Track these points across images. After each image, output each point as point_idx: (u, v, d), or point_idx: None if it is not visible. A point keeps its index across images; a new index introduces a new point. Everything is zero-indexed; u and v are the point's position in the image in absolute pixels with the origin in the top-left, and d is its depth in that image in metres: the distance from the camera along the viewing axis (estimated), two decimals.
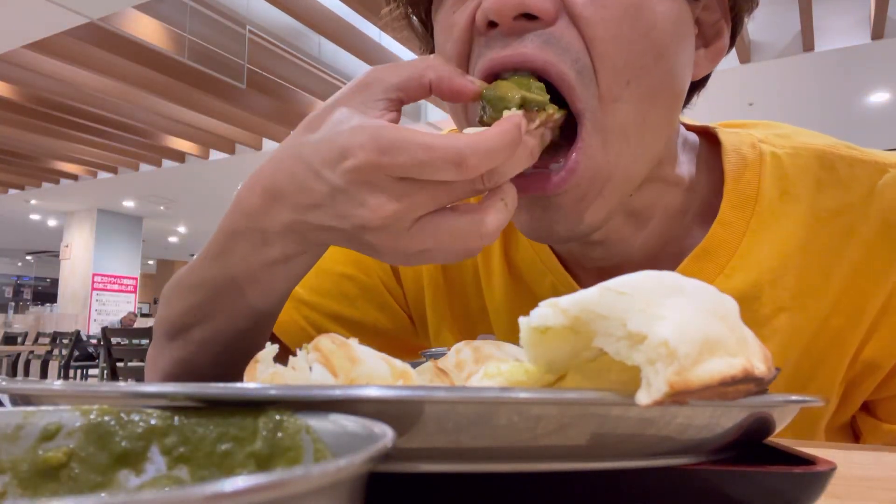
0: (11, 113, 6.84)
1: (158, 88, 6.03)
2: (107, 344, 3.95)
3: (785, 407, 0.26)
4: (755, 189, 0.51)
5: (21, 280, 20.67)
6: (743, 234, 0.50)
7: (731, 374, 0.22)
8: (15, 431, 0.21)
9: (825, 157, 0.51)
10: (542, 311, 0.25)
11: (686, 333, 0.22)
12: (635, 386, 0.22)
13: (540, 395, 0.21)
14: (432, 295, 0.65)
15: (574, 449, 0.22)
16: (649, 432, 0.22)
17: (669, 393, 0.21)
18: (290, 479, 0.12)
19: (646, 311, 0.23)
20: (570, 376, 0.28)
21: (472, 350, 0.35)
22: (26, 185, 10.56)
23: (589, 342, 0.24)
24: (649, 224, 0.52)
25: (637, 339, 0.22)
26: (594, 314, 0.24)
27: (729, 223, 0.51)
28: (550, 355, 0.26)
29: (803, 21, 4.77)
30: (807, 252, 0.49)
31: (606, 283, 0.24)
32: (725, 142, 0.53)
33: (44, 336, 8.74)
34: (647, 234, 0.52)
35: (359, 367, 0.27)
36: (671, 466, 0.24)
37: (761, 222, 0.50)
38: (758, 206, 0.50)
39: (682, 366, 0.21)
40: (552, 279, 0.57)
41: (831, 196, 0.50)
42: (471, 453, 0.21)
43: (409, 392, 0.21)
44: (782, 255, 0.50)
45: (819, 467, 0.24)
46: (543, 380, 0.28)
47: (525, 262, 0.59)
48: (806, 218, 0.50)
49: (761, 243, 0.50)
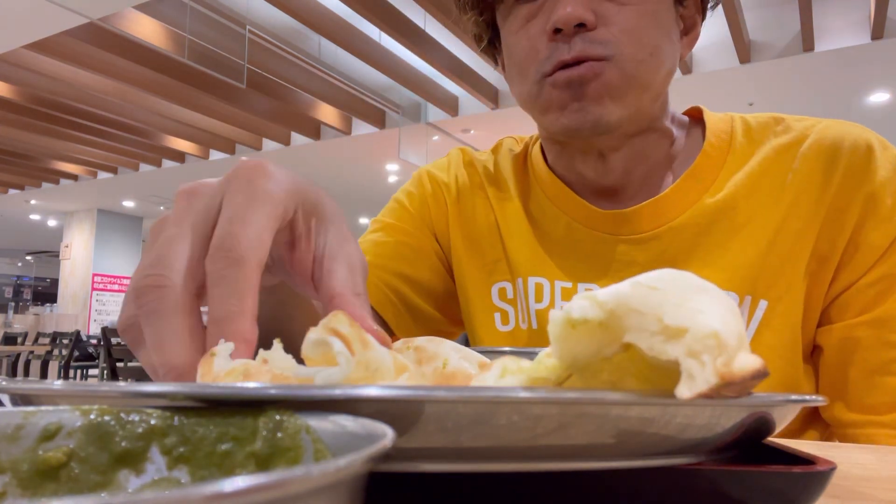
0: (11, 113, 6.84)
1: (158, 88, 6.03)
2: (107, 344, 3.95)
3: (785, 406, 0.26)
4: (729, 135, 0.70)
5: (21, 280, 20.67)
6: (722, 165, 0.69)
7: (758, 368, 0.22)
8: (15, 431, 0.21)
9: (778, 116, 0.71)
10: (580, 303, 0.25)
11: (730, 326, 0.22)
12: (623, 386, 0.22)
13: (540, 394, 0.21)
14: (457, 245, 0.78)
15: (574, 448, 0.22)
16: (649, 432, 0.22)
17: (719, 384, 0.21)
18: (290, 479, 0.12)
19: (682, 305, 0.23)
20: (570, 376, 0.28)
21: (415, 350, 0.34)
22: (26, 185, 10.56)
23: (615, 339, 0.24)
24: (647, 161, 0.70)
25: (675, 333, 0.22)
26: (628, 308, 0.24)
27: (710, 156, 0.69)
28: (576, 351, 0.26)
29: (803, 21, 4.77)
30: (766, 173, 0.67)
31: (636, 279, 0.24)
32: (706, 110, 0.74)
33: (44, 336, 8.74)
34: (645, 167, 0.70)
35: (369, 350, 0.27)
36: (671, 466, 0.24)
37: (734, 157, 0.69)
38: (731, 145, 0.69)
39: (730, 357, 0.22)
40: (566, 220, 0.72)
41: (781, 137, 0.68)
42: (471, 453, 0.21)
43: (409, 392, 0.21)
44: (750, 178, 0.67)
45: (819, 467, 0.24)
46: (562, 376, 0.27)
47: (539, 209, 0.74)
48: (766, 152, 0.68)
49: (735, 171, 0.68)
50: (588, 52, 0.60)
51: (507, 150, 0.81)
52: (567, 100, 0.61)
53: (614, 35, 0.60)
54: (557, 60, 0.61)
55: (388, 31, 5.12)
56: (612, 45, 0.60)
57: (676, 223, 0.67)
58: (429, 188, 0.82)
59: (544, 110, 0.64)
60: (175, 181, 9.72)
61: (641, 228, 0.68)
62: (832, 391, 0.65)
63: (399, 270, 0.77)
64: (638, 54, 0.61)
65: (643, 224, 0.68)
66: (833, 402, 0.65)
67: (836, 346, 0.64)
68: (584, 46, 0.60)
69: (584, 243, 0.71)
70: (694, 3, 0.68)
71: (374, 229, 0.81)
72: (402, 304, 0.77)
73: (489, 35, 0.73)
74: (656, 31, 0.62)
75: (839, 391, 0.64)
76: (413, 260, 0.78)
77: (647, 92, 0.63)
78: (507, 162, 0.79)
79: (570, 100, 0.61)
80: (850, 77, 5.70)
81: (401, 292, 0.77)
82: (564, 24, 0.59)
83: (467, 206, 0.79)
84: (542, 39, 0.62)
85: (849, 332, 0.63)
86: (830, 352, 0.65)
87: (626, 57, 0.60)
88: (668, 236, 0.67)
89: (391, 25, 5.09)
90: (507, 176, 0.78)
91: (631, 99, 0.62)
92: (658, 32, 0.62)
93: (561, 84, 0.61)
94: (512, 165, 0.78)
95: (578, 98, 0.61)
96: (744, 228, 0.65)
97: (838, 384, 0.64)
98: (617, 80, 0.60)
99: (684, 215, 0.67)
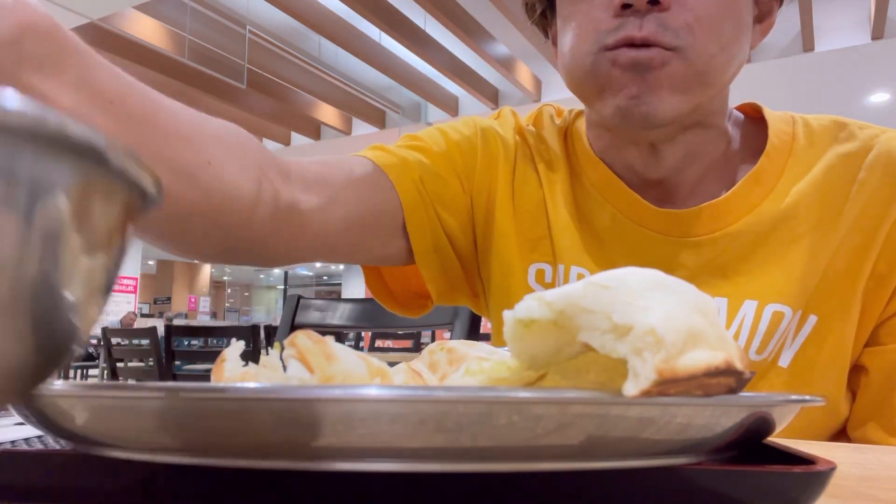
0: None
1: (158, 88, 5.99)
2: (107, 344, 3.95)
3: (785, 406, 0.26)
4: (791, 137, 0.66)
5: None
6: (783, 169, 0.65)
7: (715, 365, 0.22)
8: None
9: (840, 121, 0.67)
10: (528, 303, 0.25)
11: (672, 322, 0.22)
12: (613, 386, 0.22)
13: (540, 394, 0.21)
14: (503, 211, 0.71)
15: (574, 448, 0.22)
16: (649, 431, 0.22)
17: (658, 381, 0.21)
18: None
19: (631, 303, 0.23)
20: (549, 376, 0.28)
21: (447, 352, 0.34)
22: None
23: (572, 338, 0.24)
24: (702, 160, 0.66)
25: (623, 331, 0.22)
26: (579, 308, 0.24)
27: (773, 159, 0.65)
28: (533, 350, 0.26)
29: (803, 21, 4.78)
30: (830, 184, 0.63)
31: (590, 279, 0.24)
32: (766, 109, 0.70)
33: None
34: (699, 167, 0.66)
35: (335, 364, 0.27)
36: (671, 466, 0.24)
37: (797, 161, 0.65)
38: (793, 149, 0.65)
39: (670, 353, 0.21)
40: (612, 211, 0.67)
41: (845, 144, 0.65)
42: (471, 453, 0.21)
43: (409, 392, 0.21)
44: (813, 187, 0.63)
45: (819, 467, 0.24)
46: (525, 376, 0.28)
47: (584, 194, 0.69)
48: (830, 160, 0.64)
49: (797, 176, 0.64)
50: (659, 38, 0.55)
51: (549, 121, 0.75)
52: (626, 82, 0.56)
53: (688, 23, 0.55)
54: (624, 35, 0.55)
55: (388, 31, 5.12)
56: (683, 34, 0.55)
57: (733, 229, 0.63)
58: (480, 142, 0.73)
59: (599, 89, 0.58)
60: None
61: (697, 231, 0.63)
62: (869, 412, 0.63)
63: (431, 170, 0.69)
64: (709, 47, 0.56)
65: (701, 227, 0.63)
66: (867, 422, 0.63)
67: (884, 369, 0.62)
68: (656, 29, 0.55)
69: (630, 238, 0.66)
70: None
71: (413, 146, 0.70)
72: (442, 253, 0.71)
73: (543, 6, 0.67)
74: (732, 20, 0.57)
75: (876, 413, 0.62)
76: (450, 204, 0.70)
77: (712, 88, 0.59)
78: (554, 138, 0.73)
79: (629, 82, 0.56)
80: (850, 77, 5.70)
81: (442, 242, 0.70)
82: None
83: (519, 174, 0.72)
84: (608, 12, 0.57)
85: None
86: (876, 373, 0.62)
87: (697, 50, 0.56)
88: (724, 242, 0.63)
89: (391, 25, 5.09)
90: (555, 152, 0.72)
91: (692, 95, 0.58)
92: (734, 22, 0.57)
93: (624, 63, 0.56)
94: (558, 142, 0.72)
95: (638, 83, 0.56)
96: (803, 239, 0.62)
97: (877, 405, 0.62)
98: (682, 73, 0.56)
99: (742, 221, 0.63)
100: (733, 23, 0.57)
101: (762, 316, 0.60)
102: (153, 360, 3.57)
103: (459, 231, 0.71)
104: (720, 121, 0.65)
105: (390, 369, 0.31)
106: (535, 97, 6.43)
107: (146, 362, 3.86)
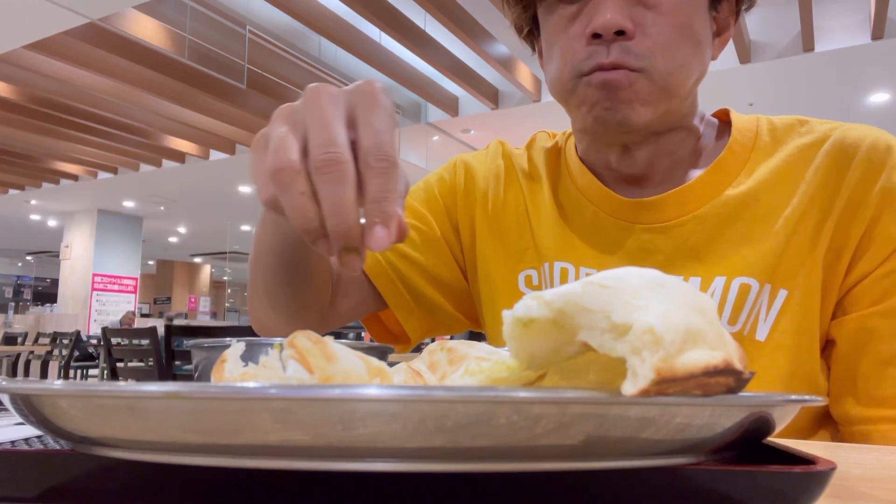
0: (11, 113, 6.84)
1: (158, 88, 6.03)
2: (107, 344, 3.95)
3: (784, 406, 0.26)
4: (754, 134, 0.73)
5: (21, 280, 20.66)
6: (746, 161, 0.72)
7: (714, 364, 0.22)
8: None
9: (803, 118, 0.74)
10: (527, 302, 0.25)
11: (670, 321, 0.22)
12: (613, 385, 0.22)
13: (540, 394, 0.21)
14: (483, 235, 0.82)
15: (573, 448, 0.22)
16: (649, 431, 0.22)
17: (656, 380, 0.21)
18: None
19: (630, 302, 0.23)
20: (549, 376, 0.28)
21: (447, 352, 0.35)
22: (26, 185, 10.56)
23: (571, 337, 0.24)
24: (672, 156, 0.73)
25: (621, 330, 0.22)
26: (578, 307, 0.24)
27: (735, 152, 0.72)
28: (532, 350, 0.26)
29: (803, 21, 4.78)
30: (789, 169, 0.69)
31: (589, 278, 0.24)
32: (733, 112, 0.77)
33: (44, 336, 8.73)
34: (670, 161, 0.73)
35: (334, 364, 0.27)
36: (671, 466, 0.24)
37: (759, 154, 0.72)
38: (756, 144, 0.73)
39: (668, 352, 0.21)
40: (592, 209, 0.75)
41: (805, 137, 0.71)
42: (470, 453, 0.21)
43: (410, 392, 0.21)
44: (773, 173, 0.70)
45: (819, 467, 0.24)
46: (524, 376, 0.28)
47: (568, 198, 0.78)
48: (789, 150, 0.71)
49: (759, 166, 0.71)
50: (624, 61, 0.63)
51: (540, 145, 0.85)
52: (600, 98, 0.65)
53: (649, 48, 0.63)
54: (596, 63, 0.64)
55: (388, 31, 5.12)
56: (645, 58, 0.63)
57: (700, 213, 0.69)
58: (461, 177, 0.84)
59: (578, 105, 0.68)
60: (175, 181, 9.72)
61: (665, 217, 0.70)
62: (843, 386, 0.66)
63: (401, 250, 0.80)
64: (669, 67, 0.64)
65: (667, 212, 0.70)
66: (842, 397, 0.66)
67: (849, 338, 0.65)
68: (621, 54, 0.63)
69: (608, 231, 0.73)
70: (728, 7, 0.71)
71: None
72: (400, 282, 0.80)
73: (529, 27, 0.77)
74: (690, 42, 0.65)
75: (849, 385, 0.65)
76: (419, 244, 0.81)
77: (675, 98, 0.67)
78: (541, 155, 0.83)
79: (603, 99, 0.65)
80: (850, 77, 5.70)
81: (399, 270, 0.80)
82: (604, 30, 0.63)
83: (500, 196, 0.82)
84: (581, 41, 0.65)
85: (862, 323, 0.64)
86: (843, 344, 0.66)
87: (659, 70, 0.64)
88: (691, 225, 0.69)
89: (391, 25, 5.09)
90: (540, 167, 0.81)
91: (659, 106, 0.66)
92: (691, 43, 0.66)
93: (597, 84, 0.64)
94: (545, 157, 0.82)
95: (611, 98, 0.65)
96: (765, 219, 0.68)
97: (849, 377, 0.65)
98: (647, 90, 0.64)
99: (708, 205, 0.69)
100: (690, 43, 0.66)
101: (730, 288, 0.66)
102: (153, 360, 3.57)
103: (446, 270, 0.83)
104: (689, 121, 0.73)
105: (390, 369, 0.31)
106: (535, 97, 6.42)
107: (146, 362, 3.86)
